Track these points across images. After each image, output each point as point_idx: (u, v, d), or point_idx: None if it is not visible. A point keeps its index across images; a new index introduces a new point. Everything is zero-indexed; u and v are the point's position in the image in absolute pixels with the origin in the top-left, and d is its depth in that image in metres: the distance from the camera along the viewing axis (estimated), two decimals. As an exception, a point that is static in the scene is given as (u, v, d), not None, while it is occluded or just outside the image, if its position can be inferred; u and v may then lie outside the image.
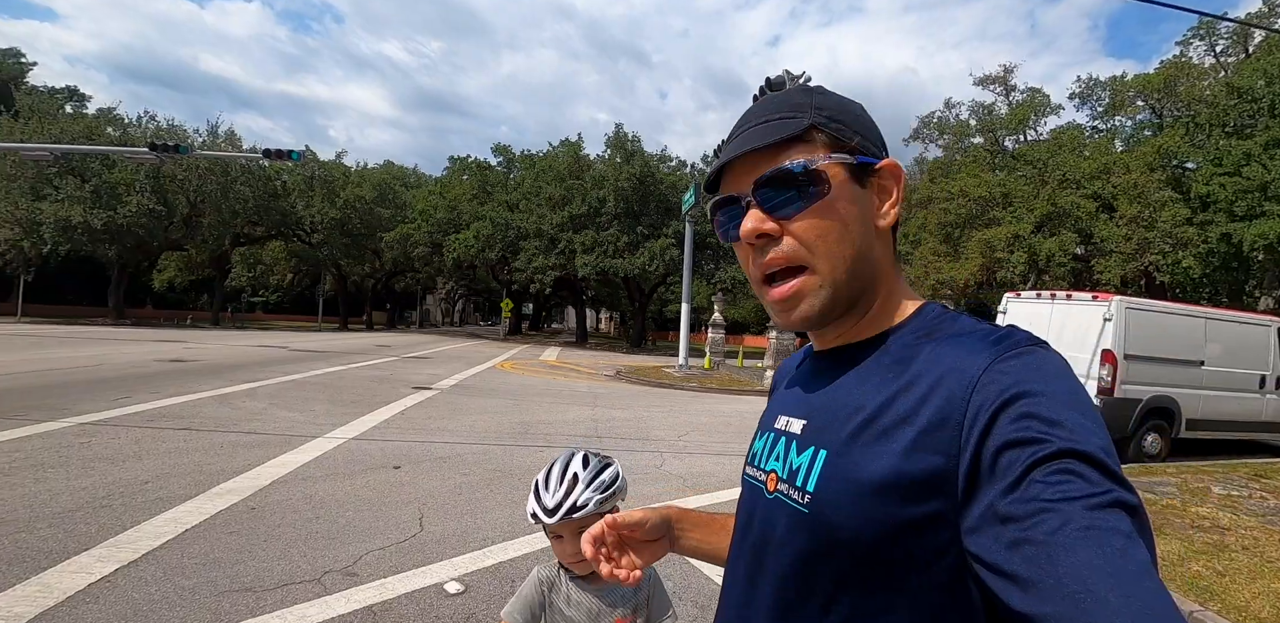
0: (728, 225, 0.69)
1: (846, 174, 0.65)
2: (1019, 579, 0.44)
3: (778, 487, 0.67)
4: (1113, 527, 0.43)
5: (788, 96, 0.68)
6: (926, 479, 0.54)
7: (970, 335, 0.60)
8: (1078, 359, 7.89)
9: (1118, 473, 0.47)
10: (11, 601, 2.67)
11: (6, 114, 28.06)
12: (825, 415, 0.65)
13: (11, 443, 5.21)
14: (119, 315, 30.69)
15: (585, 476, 1.28)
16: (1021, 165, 21.29)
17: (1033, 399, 0.51)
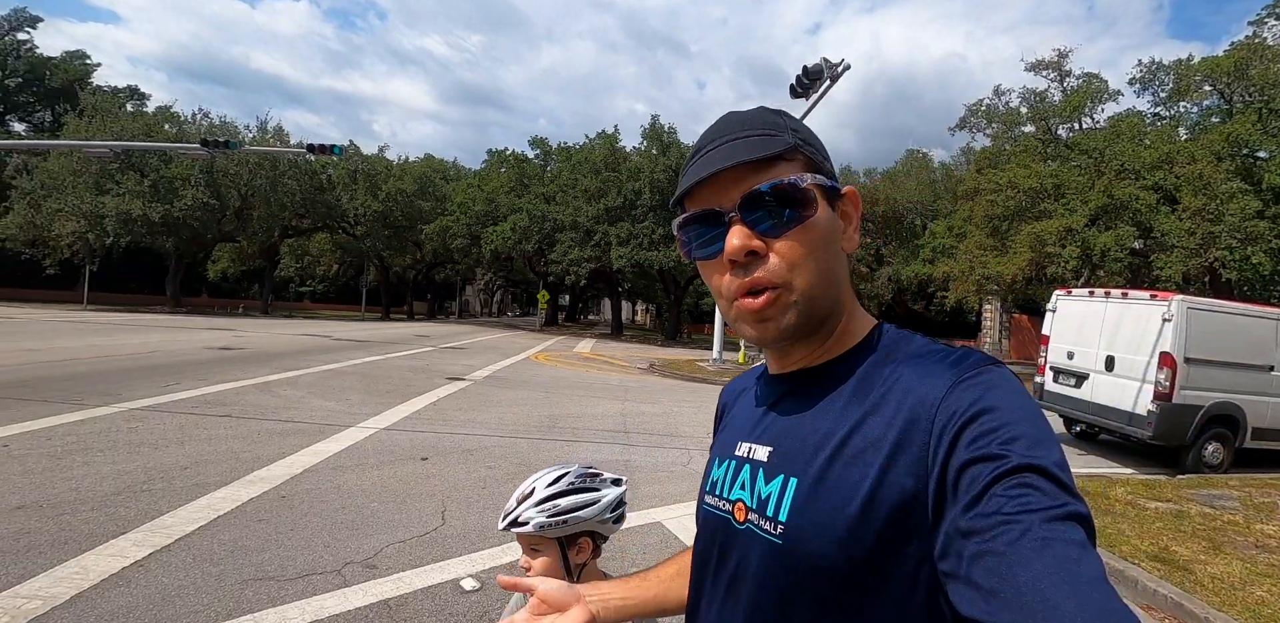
0: (702, 241, 0.66)
1: (822, 196, 0.65)
2: (981, 589, 0.46)
3: (748, 517, 0.66)
4: (1068, 538, 0.45)
5: (760, 115, 0.67)
6: (899, 502, 0.55)
7: (928, 357, 0.62)
8: (1134, 362, 7.49)
9: (1071, 486, 0.49)
10: (51, 582, 2.80)
11: (73, 113, 29.55)
12: (792, 442, 0.65)
13: (66, 427, 5.49)
14: (176, 304, 32.17)
15: (541, 494, 1.26)
16: (1076, 155, 20.27)
17: (991, 417, 0.53)
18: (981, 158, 24.23)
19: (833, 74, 10.44)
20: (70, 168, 28.47)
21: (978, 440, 0.52)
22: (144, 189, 28.23)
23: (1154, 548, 4.24)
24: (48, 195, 28.62)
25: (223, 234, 33.90)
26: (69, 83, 38.77)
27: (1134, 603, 3.58)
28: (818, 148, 0.67)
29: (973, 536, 0.48)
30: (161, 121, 31.73)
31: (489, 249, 33.18)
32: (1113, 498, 5.51)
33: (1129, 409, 7.48)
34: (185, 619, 2.56)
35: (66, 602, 2.63)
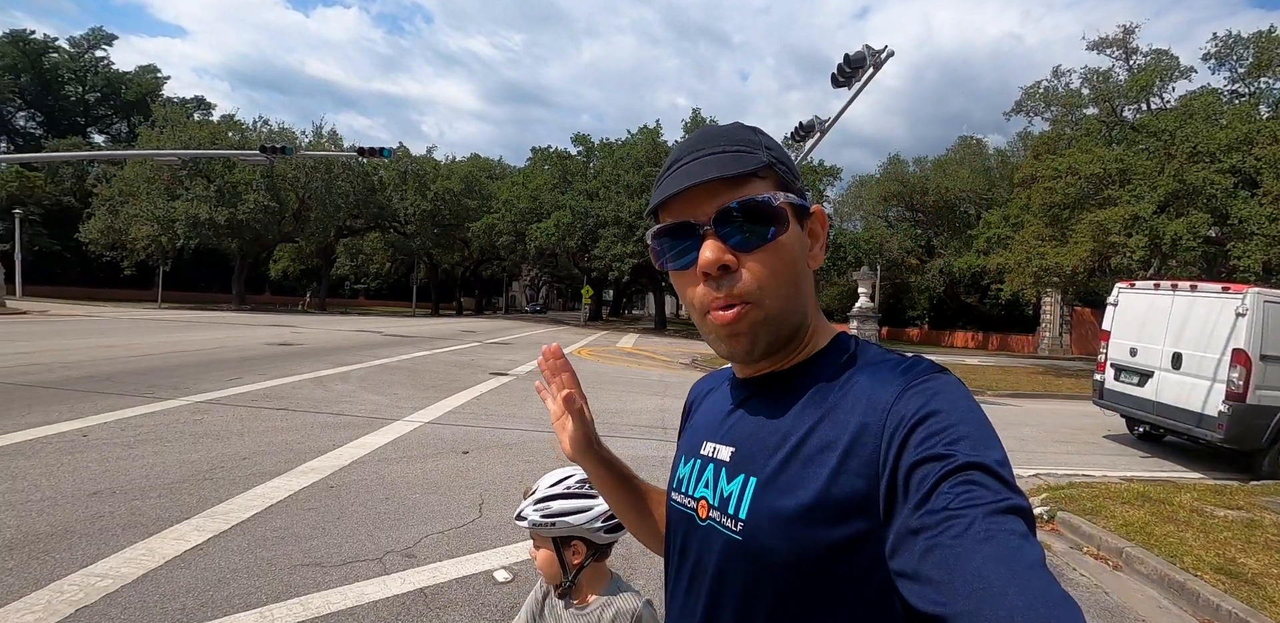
0: (675, 252, 0.67)
1: (792, 214, 0.67)
2: (932, 582, 0.47)
3: (709, 514, 0.69)
4: (1010, 529, 0.48)
5: (734, 131, 0.69)
6: (851, 501, 0.58)
7: (882, 365, 0.66)
8: (1203, 359, 7.04)
9: (1012, 483, 0.52)
10: (121, 562, 3.02)
11: (146, 124, 31.46)
12: (753, 443, 0.68)
13: (139, 418, 5.89)
14: (241, 302, 33.93)
15: (540, 493, 1.33)
16: (1143, 138, 19.07)
17: (937, 420, 0.56)
18: (1039, 143, 23.12)
19: (876, 61, 10.14)
20: (144, 175, 30.38)
21: (925, 442, 0.55)
22: (210, 194, 29.87)
23: (1220, 560, 3.97)
24: (125, 202, 30.63)
25: (282, 235, 35.54)
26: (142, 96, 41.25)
27: (1195, 618, 3.39)
28: (789, 167, 0.69)
29: (922, 532, 0.50)
30: (225, 129, 33.49)
31: (533, 246, 33.73)
32: (1177, 505, 5.19)
33: (1198, 410, 7.04)
34: (238, 600, 2.73)
35: (134, 581, 2.84)
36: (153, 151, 24.26)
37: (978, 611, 0.44)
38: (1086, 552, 4.39)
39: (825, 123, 13.10)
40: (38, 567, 2.92)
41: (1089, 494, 5.47)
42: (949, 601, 0.46)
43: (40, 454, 4.63)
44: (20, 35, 40.89)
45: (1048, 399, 13.05)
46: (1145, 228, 16.78)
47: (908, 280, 36.54)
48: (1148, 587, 3.81)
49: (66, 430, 5.31)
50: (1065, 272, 18.65)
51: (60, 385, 7.21)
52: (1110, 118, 21.40)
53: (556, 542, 1.32)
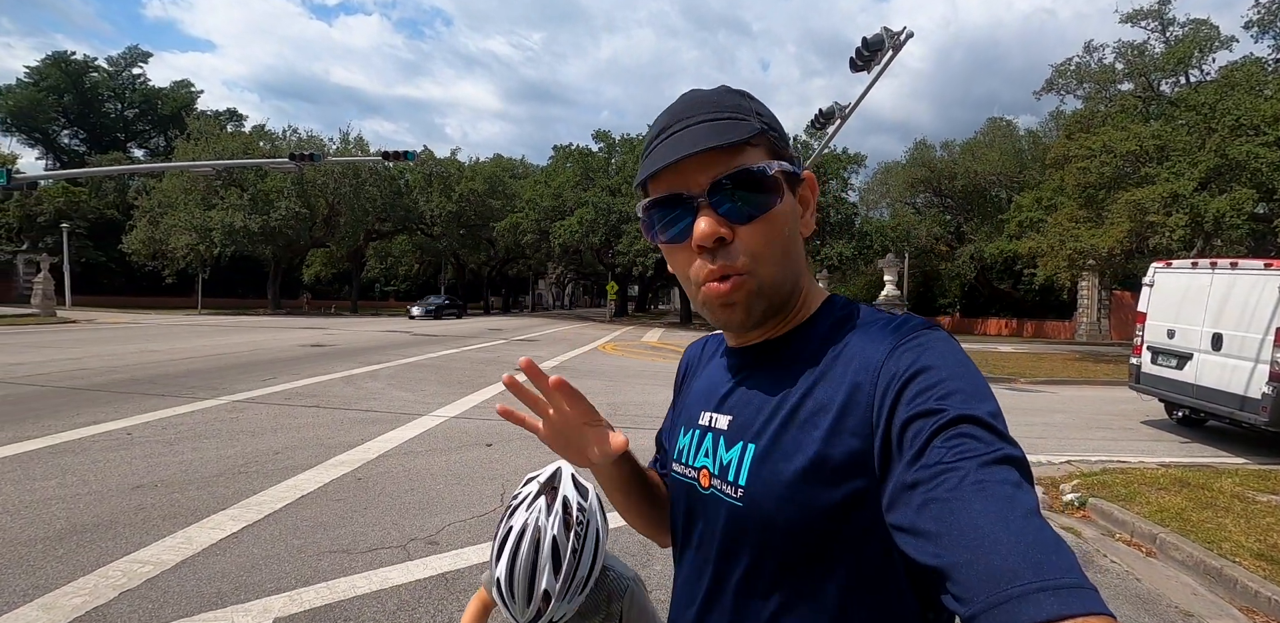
0: (665, 224, 0.66)
1: (785, 183, 0.65)
2: (928, 535, 0.48)
3: (711, 483, 0.69)
4: (1003, 478, 0.48)
5: (725, 96, 0.67)
6: (848, 461, 0.59)
7: (873, 325, 0.66)
8: (1245, 340, 6.76)
9: (1005, 433, 0.52)
10: (162, 550, 3.19)
11: (181, 137, 32.55)
12: (749, 411, 0.68)
13: (179, 417, 6.15)
14: (276, 306, 34.94)
15: (559, 588, 1.04)
16: (1182, 112, 18.28)
17: (929, 375, 0.56)
18: (1072, 122, 22.35)
19: (895, 44, 9.93)
20: (181, 187, 31.45)
21: (917, 398, 0.55)
22: (244, 202, 30.80)
23: (1261, 546, 3.83)
24: (164, 213, 31.75)
25: (314, 240, 36.44)
26: (177, 110, 42.66)
27: (1232, 605, 3.29)
28: (780, 133, 0.68)
29: (918, 486, 0.51)
30: (257, 139, 34.43)
31: (557, 243, 33.97)
32: (1217, 490, 5.01)
33: (1240, 392, 6.78)
34: (269, 584, 2.86)
35: (173, 567, 3.00)
36: (188, 164, 25.13)
37: (973, 560, 0.44)
38: (1119, 539, 4.28)
39: (845, 109, 12.91)
40: (85, 554, 3.10)
41: (1123, 480, 5.32)
42: (945, 552, 0.46)
43: (88, 452, 4.88)
44: (62, 57, 42.65)
45: (1084, 386, 12.70)
46: (1185, 206, 16.13)
47: (938, 268, 35.79)
48: (1183, 574, 3.71)
49: (113, 429, 5.58)
50: (1101, 254, 18.07)
51: (107, 388, 7.56)
52: (1146, 93, 20.60)
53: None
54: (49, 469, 4.41)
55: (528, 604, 1.04)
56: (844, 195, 31.72)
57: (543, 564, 1.04)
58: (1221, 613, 3.22)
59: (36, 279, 22.98)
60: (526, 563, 1.04)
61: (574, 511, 1.08)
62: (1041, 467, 5.86)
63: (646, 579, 3.10)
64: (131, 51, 45.97)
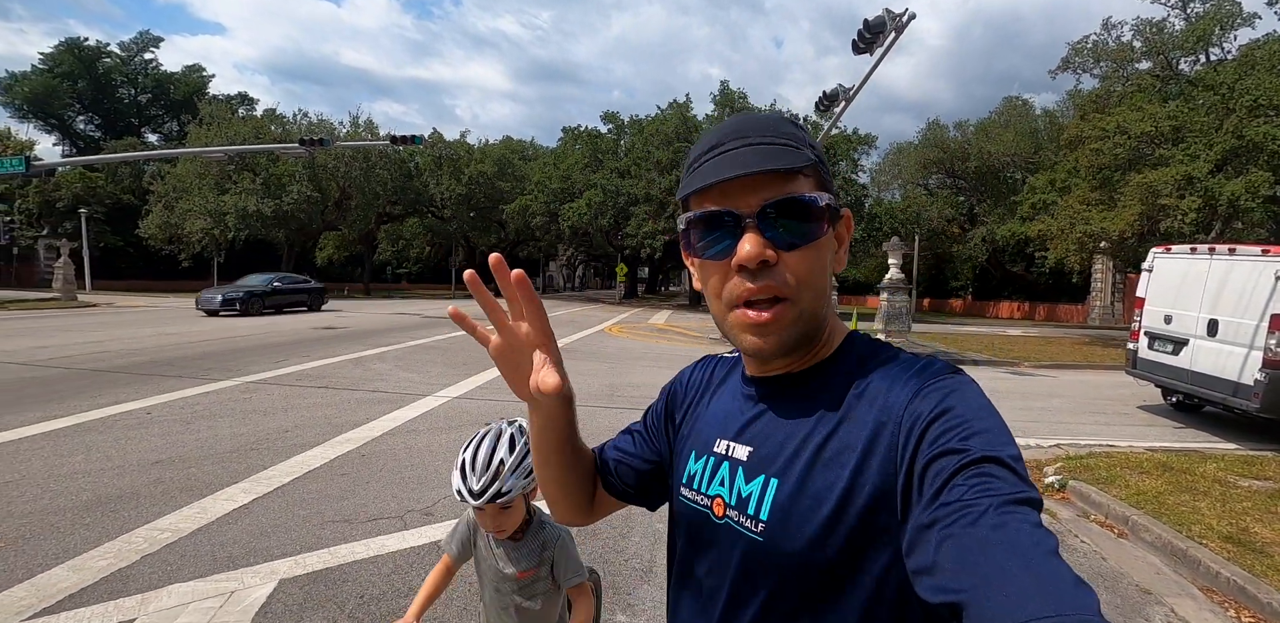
0: (708, 241, 0.66)
1: (828, 215, 0.66)
2: (944, 571, 0.48)
3: (726, 513, 0.69)
4: (1024, 518, 0.48)
5: (779, 123, 0.68)
6: (871, 501, 0.60)
7: (898, 366, 0.67)
8: (1240, 326, 6.79)
9: (1025, 476, 0.53)
10: (179, 519, 3.45)
11: (194, 122, 32.80)
12: (772, 445, 0.68)
13: (196, 397, 6.44)
14: (291, 289, 35.40)
15: (511, 461, 1.35)
16: (1200, 92, 17.85)
17: (952, 416, 0.58)
18: (1087, 102, 21.91)
19: (897, 26, 9.83)
20: (195, 171, 31.79)
21: (940, 438, 0.56)
22: (257, 187, 31.11)
23: (1231, 529, 3.92)
24: (179, 197, 32.13)
25: (326, 224, 36.78)
26: (189, 94, 42.86)
27: (1194, 584, 3.40)
28: (827, 168, 0.69)
29: (935, 525, 0.51)
30: (268, 123, 34.59)
31: (566, 226, 34.04)
32: (1199, 475, 5.08)
33: (1234, 378, 6.82)
34: (277, 550, 3.10)
35: (189, 534, 3.25)
36: (201, 149, 25.43)
37: (991, 595, 0.44)
38: (1093, 520, 4.40)
39: (850, 92, 12.80)
40: (109, 522, 3.36)
41: (1106, 464, 5.41)
42: (962, 587, 0.46)
43: (111, 430, 5.17)
44: (75, 43, 42.84)
45: (1086, 370, 12.73)
46: (1200, 189, 15.87)
47: (950, 250, 35.47)
48: (1150, 554, 3.81)
49: (133, 409, 5.87)
50: (1112, 237, 17.87)
51: (128, 370, 7.89)
52: (1165, 72, 20.11)
53: (526, 493, 1.44)
54: (75, 446, 4.70)
55: (486, 470, 1.33)
56: (854, 177, 31.42)
57: (502, 444, 1.37)
58: (1181, 592, 3.32)
59: (57, 264, 23.51)
60: (489, 444, 1.37)
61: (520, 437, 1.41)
62: (1030, 450, 5.99)
63: (623, 550, 3.31)
64: (143, 36, 46.04)
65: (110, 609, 2.54)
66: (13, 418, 5.39)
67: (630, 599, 2.82)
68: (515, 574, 1.50)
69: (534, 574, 1.51)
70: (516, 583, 1.51)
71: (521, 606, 1.52)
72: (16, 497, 3.67)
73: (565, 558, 1.53)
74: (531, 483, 1.40)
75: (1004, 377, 11.28)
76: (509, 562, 1.51)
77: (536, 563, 1.51)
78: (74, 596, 2.64)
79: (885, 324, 14.74)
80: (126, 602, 2.60)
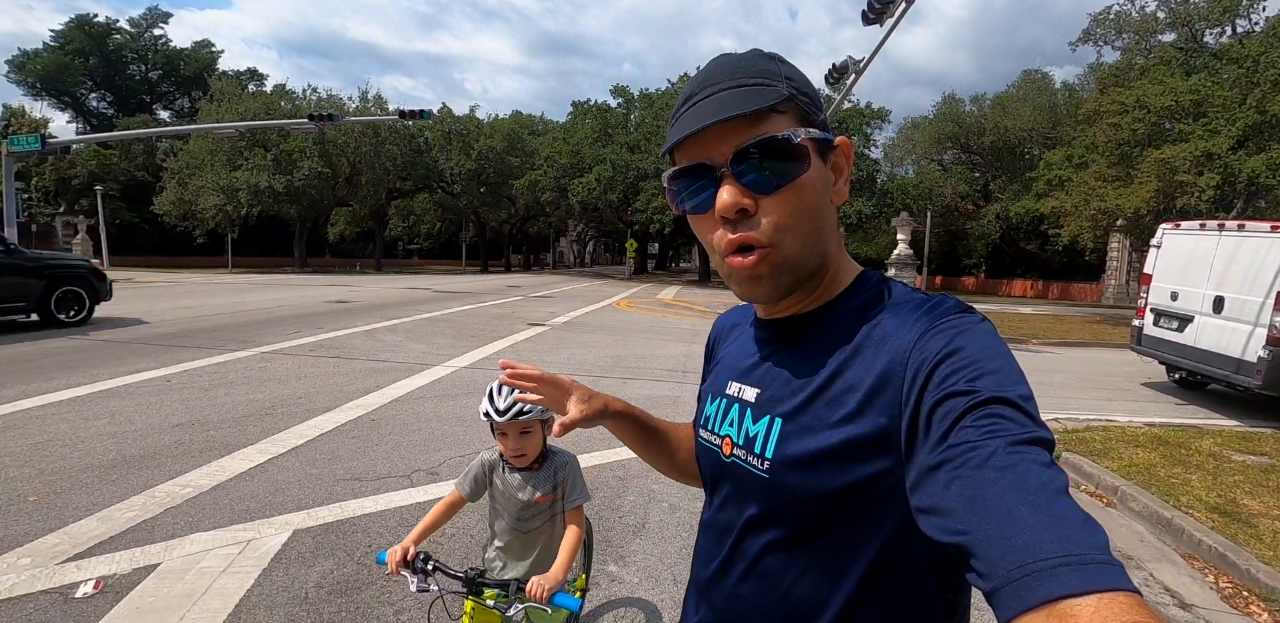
0: (690, 194, 0.66)
1: (815, 151, 0.64)
2: (952, 512, 0.48)
3: (734, 451, 0.72)
4: (1033, 458, 0.48)
5: (752, 60, 0.65)
6: (874, 439, 0.59)
7: (906, 304, 0.66)
8: (1246, 303, 6.76)
9: (1036, 416, 0.52)
10: (199, 476, 3.64)
11: (205, 98, 32.78)
12: (778, 385, 0.69)
13: (214, 367, 6.66)
14: (303, 264, 35.85)
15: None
16: (1224, 65, 17.34)
17: (961, 356, 0.56)
18: (1106, 75, 21.33)
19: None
20: (207, 148, 31.91)
21: (949, 379, 0.55)
22: (268, 163, 31.21)
23: (1219, 500, 3.99)
24: (192, 174, 32.36)
25: (337, 199, 36.92)
26: (200, 70, 42.72)
27: (1176, 552, 3.48)
28: (812, 97, 0.65)
29: (943, 466, 0.50)
30: (278, 99, 34.49)
31: (576, 201, 33.96)
32: (1194, 449, 5.15)
33: (1237, 355, 6.82)
34: (290, 504, 3.29)
35: (209, 489, 3.45)
36: (212, 125, 25.50)
37: (997, 536, 0.44)
38: (1083, 490, 4.47)
39: (861, 64, 12.58)
40: (134, 479, 3.57)
41: (1102, 437, 5.48)
42: (969, 528, 0.46)
43: (134, 396, 5.38)
44: (85, 20, 42.68)
45: (1093, 347, 12.71)
46: (1219, 165, 15.53)
47: (963, 227, 35.05)
48: (1136, 523, 3.89)
49: (154, 377, 6.09)
50: (1127, 214, 17.60)
51: (147, 342, 8.13)
52: (1189, 44, 19.50)
53: (544, 424, 1.64)
54: (99, 410, 4.91)
55: (511, 393, 1.51)
56: (866, 151, 30.95)
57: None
58: (1161, 558, 3.40)
59: (75, 241, 23.93)
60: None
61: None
62: (1025, 422, 6.07)
63: (618, 508, 3.47)
64: (152, 12, 45.76)
65: (138, 554, 2.74)
66: (40, 385, 5.62)
67: (622, 552, 2.97)
68: (536, 500, 1.67)
69: (551, 498, 1.69)
70: (536, 508, 1.69)
71: (540, 528, 1.71)
72: (46, 456, 3.88)
73: (575, 479, 1.72)
74: (549, 412, 1.56)
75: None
76: (527, 491, 1.68)
77: (552, 488, 1.69)
78: (103, 542, 2.83)
79: (892, 301, 14.71)
80: (152, 548, 2.79)
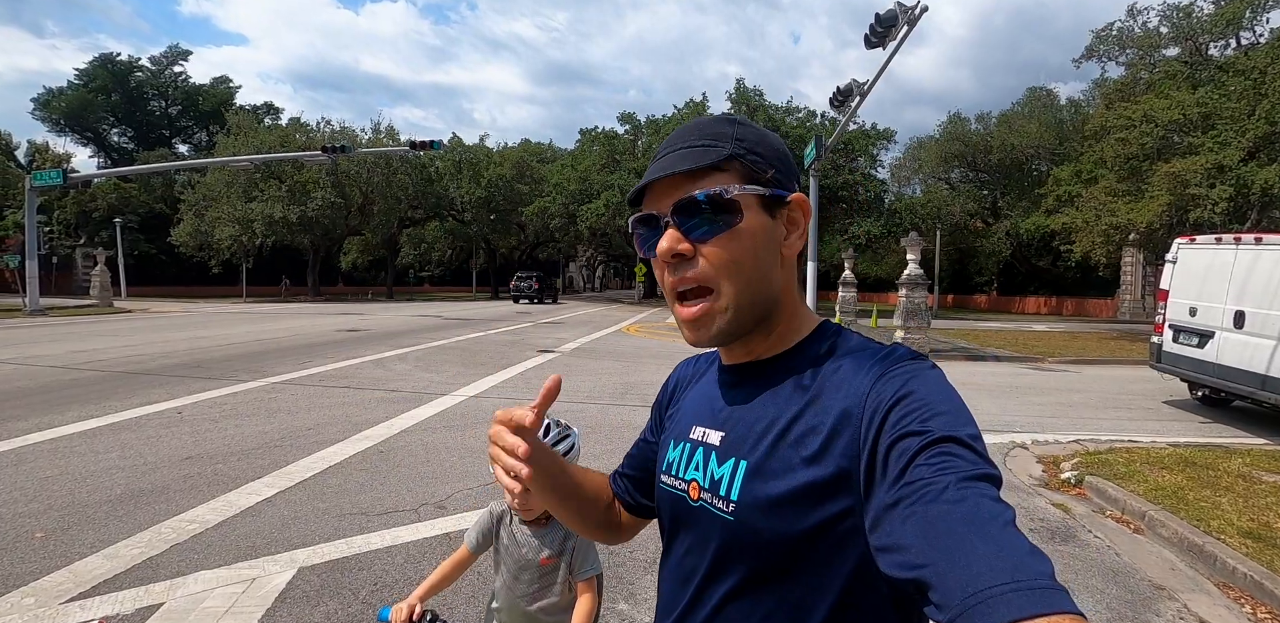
0: (648, 240, 0.72)
1: (758, 204, 0.69)
2: (907, 549, 0.50)
3: (700, 496, 0.73)
4: (982, 492, 0.51)
5: (710, 124, 0.72)
6: (835, 481, 0.62)
7: (863, 352, 0.70)
8: (1268, 318, 6.61)
9: (985, 454, 0.56)
10: (206, 511, 3.61)
11: (222, 132, 33.74)
12: (741, 428, 0.72)
13: (224, 397, 6.68)
14: (315, 293, 36.28)
15: (556, 431, 1.52)
16: (1230, 78, 17.35)
17: (912, 400, 0.60)
18: (1112, 91, 21.41)
19: (910, 18, 9.76)
20: (224, 180, 32.70)
21: (902, 420, 0.59)
22: (282, 194, 31.90)
23: (1252, 524, 3.82)
24: (208, 206, 33.10)
25: (349, 229, 37.56)
26: (217, 105, 44.05)
27: (1210, 580, 3.33)
28: (764, 156, 0.71)
29: (899, 503, 0.53)
30: (293, 132, 35.42)
31: (585, 227, 34.25)
32: (1222, 470, 4.95)
33: (1262, 371, 6.64)
34: (296, 540, 3.24)
35: (215, 525, 3.41)
36: (229, 159, 26.21)
37: (952, 567, 0.46)
38: (1109, 515, 4.31)
39: (865, 86, 12.73)
40: (141, 514, 3.54)
41: (1125, 459, 5.29)
42: (923, 562, 0.48)
43: (144, 428, 5.40)
44: (109, 58, 44.37)
45: (1110, 365, 12.48)
46: (1231, 177, 15.43)
47: (973, 245, 34.91)
48: (1165, 549, 3.73)
49: (165, 409, 6.12)
50: (1140, 229, 17.46)
51: (161, 372, 8.19)
52: (1193, 58, 19.57)
53: None
54: (110, 443, 4.92)
55: None
56: (873, 172, 31.10)
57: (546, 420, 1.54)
58: (1195, 588, 3.25)
59: (94, 272, 24.37)
60: None
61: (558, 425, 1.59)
62: (1047, 445, 5.93)
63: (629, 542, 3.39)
64: (173, 50, 47.55)
65: (141, 594, 2.69)
66: (53, 418, 5.66)
67: (633, 588, 2.89)
68: (538, 561, 1.57)
69: (555, 562, 1.58)
70: (538, 570, 1.58)
71: (538, 595, 1.59)
72: (56, 491, 3.87)
73: (586, 549, 1.61)
74: (561, 452, 1.52)
75: (1025, 372, 11.12)
76: (533, 548, 1.58)
77: (559, 551, 1.59)
78: (108, 581, 2.80)
79: (904, 320, 14.55)
80: (156, 587, 2.75)
